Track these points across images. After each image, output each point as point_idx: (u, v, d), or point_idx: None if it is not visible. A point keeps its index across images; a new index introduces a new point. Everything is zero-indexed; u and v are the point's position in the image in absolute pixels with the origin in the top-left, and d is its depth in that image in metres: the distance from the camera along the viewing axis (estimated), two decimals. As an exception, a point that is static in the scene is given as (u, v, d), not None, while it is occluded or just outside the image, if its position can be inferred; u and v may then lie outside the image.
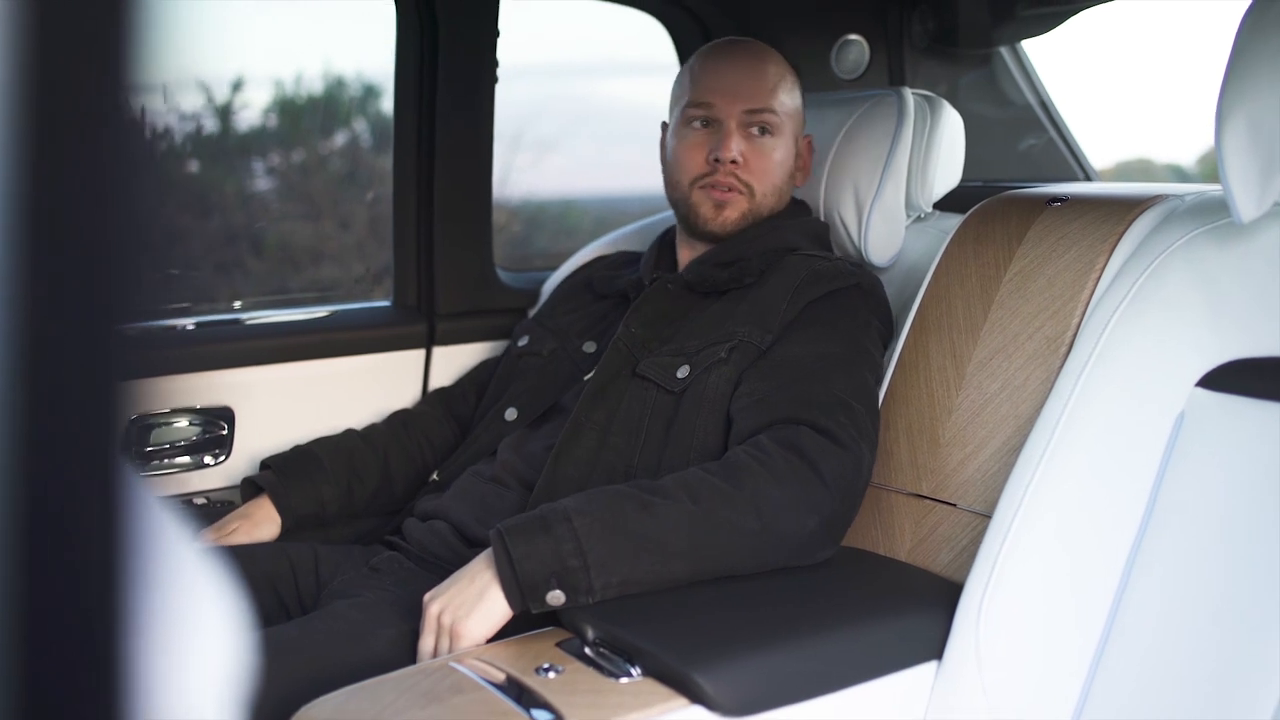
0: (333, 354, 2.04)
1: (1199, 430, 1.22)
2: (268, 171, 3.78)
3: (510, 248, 3.70)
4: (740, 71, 1.72)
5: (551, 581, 1.24)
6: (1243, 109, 1.19)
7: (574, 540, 1.25)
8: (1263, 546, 1.12)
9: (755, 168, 1.69)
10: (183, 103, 3.21)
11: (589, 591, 1.24)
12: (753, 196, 1.69)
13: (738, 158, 1.67)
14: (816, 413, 1.41)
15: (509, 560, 1.25)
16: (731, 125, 1.68)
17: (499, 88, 2.13)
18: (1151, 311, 1.29)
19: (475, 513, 1.57)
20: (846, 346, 1.52)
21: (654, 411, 1.54)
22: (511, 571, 1.25)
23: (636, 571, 1.27)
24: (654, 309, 1.65)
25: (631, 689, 1.13)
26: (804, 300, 1.55)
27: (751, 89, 1.70)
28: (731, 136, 1.68)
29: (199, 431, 1.93)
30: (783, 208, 1.75)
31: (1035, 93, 2.49)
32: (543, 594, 1.24)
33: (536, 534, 1.26)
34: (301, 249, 3.60)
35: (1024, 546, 1.27)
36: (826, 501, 1.36)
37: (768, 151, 1.69)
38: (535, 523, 1.27)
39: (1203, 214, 1.34)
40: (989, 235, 1.56)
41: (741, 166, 1.68)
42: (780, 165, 1.71)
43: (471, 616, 1.26)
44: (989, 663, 1.25)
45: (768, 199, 1.70)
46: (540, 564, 1.24)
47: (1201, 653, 1.13)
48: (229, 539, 1.63)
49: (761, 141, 1.69)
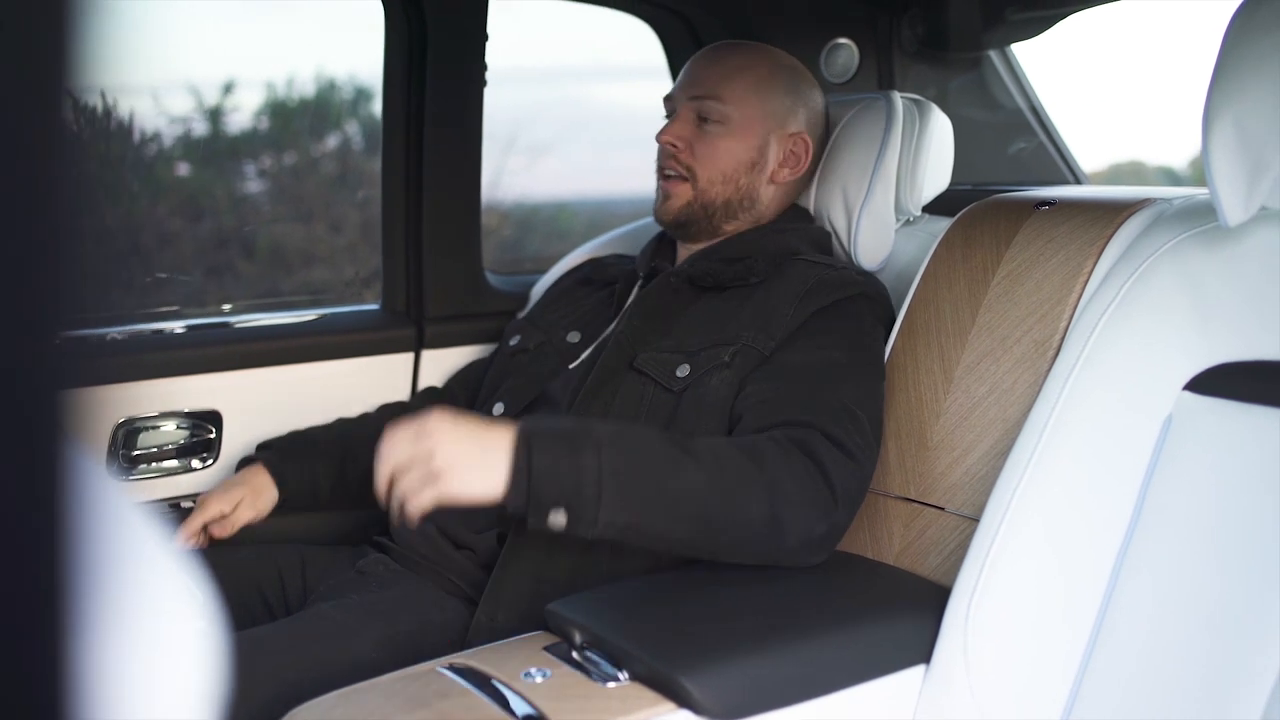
0: (321, 357, 2.03)
1: (1187, 434, 1.22)
2: (259, 174, 3.77)
3: (502, 251, 3.69)
4: (701, 62, 1.74)
5: (560, 502, 1.23)
6: (1230, 113, 1.19)
7: (596, 472, 1.24)
8: (1251, 550, 1.12)
9: (698, 152, 1.68)
10: (172, 106, 3.21)
11: (592, 525, 1.24)
12: (695, 183, 1.69)
13: (675, 140, 1.69)
14: (826, 419, 1.40)
15: (528, 466, 1.23)
16: (680, 111, 1.70)
17: (490, 91, 2.13)
18: (1139, 315, 1.29)
19: (460, 514, 1.56)
20: (853, 354, 1.51)
21: (650, 409, 1.52)
22: (527, 477, 1.23)
23: (643, 521, 1.26)
24: (655, 302, 1.64)
25: (619, 693, 1.13)
26: (810, 308, 1.54)
27: (702, 77, 1.71)
28: (675, 121, 1.70)
29: (186, 435, 1.92)
30: (768, 206, 1.73)
31: (1025, 96, 2.49)
32: (547, 510, 1.23)
33: (563, 451, 1.24)
34: (293, 252, 3.60)
35: (1012, 550, 1.27)
36: (834, 512, 1.35)
37: (710, 138, 1.69)
38: (564, 440, 1.25)
39: (1190, 217, 1.34)
40: (977, 238, 1.56)
41: (683, 151, 1.69)
42: (729, 154, 1.69)
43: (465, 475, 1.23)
44: (977, 666, 1.25)
45: (714, 187, 1.69)
46: (557, 483, 1.23)
47: (1190, 655, 1.13)
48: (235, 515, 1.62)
49: (707, 128, 1.69)
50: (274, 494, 1.68)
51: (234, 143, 3.60)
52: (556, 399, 1.63)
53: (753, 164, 1.71)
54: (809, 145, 1.76)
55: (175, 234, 3.39)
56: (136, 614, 0.41)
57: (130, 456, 1.87)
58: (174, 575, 0.45)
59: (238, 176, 3.67)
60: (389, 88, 2.10)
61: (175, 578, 0.45)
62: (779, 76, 1.74)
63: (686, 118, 1.70)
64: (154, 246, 3.27)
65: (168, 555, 0.46)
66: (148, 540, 0.44)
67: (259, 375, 1.98)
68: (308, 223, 3.65)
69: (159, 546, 0.45)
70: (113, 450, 1.85)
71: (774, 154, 1.72)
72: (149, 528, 0.45)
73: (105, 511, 0.40)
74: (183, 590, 0.45)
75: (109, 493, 0.43)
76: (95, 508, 0.38)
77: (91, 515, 0.38)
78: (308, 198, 3.71)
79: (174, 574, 0.45)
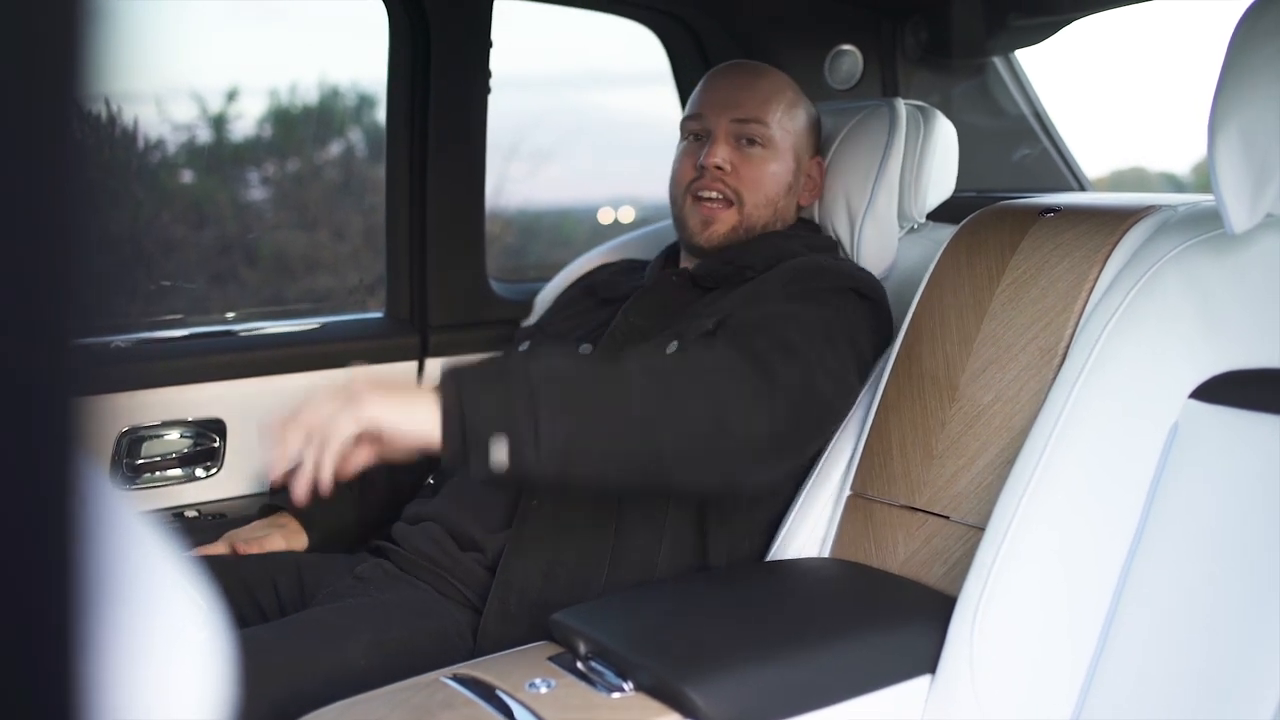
0: (325, 366, 2.03)
1: (1193, 442, 1.21)
2: (262, 181, 3.77)
3: (505, 258, 3.69)
4: (733, 84, 1.74)
5: (497, 430, 1.15)
6: (1235, 119, 1.19)
7: (527, 386, 1.18)
8: (1257, 559, 1.12)
9: (745, 176, 1.70)
10: (176, 113, 3.21)
11: (534, 446, 1.16)
12: (742, 207, 1.70)
13: (722, 164, 1.69)
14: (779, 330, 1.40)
15: (459, 400, 1.16)
16: (719, 134, 1.70)
17: (493, 98, 2.13)
18: (1145, 323, 1.29)
19: (468, 514, 1.55)
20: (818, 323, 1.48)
21: None
22: (459, 411, 1.16)
23: (585, 433, 1.20)
24: (655, 300, 1.65)
25: (624, 704, 1.12)
26: (801, 285, 1.55)
27: (740, 99, 1.72)
28: (718, 144, 1.70)
29: (190, 444, 1.92)
30: (787, 226, 1.76)
31: (1029, 103, 2.49)
32: (485, 441, 1.15)
33: (490, 378, 1.18)
34: (297, 259, 3.59)
35: (1018, 559, 1.27)
36: (778, 408, 1.32)
37: (757, 161, 1.70)
38: (489, 368, 1.21)
39: (1196, 224, 1.34)
40: (982, 246, 1.56)
41: (730, 174, 1.69)
42: (774, 178, 1.71)
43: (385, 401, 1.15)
44: (983, 676, 1.24)
45: (759, 211, 1.71)
46: (490, 409, 1.16)
47: (1196, 665, 1.12)
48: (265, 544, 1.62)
49: (751, 151, 1.70)
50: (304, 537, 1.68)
51: (237, 150, 3.60)
52: None
53: (789, 187, 1.74)
54: (822, 168, 1.80)
55: (179, 241, 3.38)
56: (144, 622, 0.41)
57: (134, 465, 1.87)
58: (180, 584, 0.45)
59: (241, 183, 3.67)
60: (393, 94, 2.10)
61: (182, 586, 0.45)
62: (800, 101, 1.77)
63: (729, 141, 1.70)
64: (158, 254, 3.27)
65: (174, 564, 0.46)
66: (154, 549, 0.44)
67: (263, 384, 1.98)
68: (311, 230, 3.64)
69: (165, 555, 0.45)
70: (116, 459, 1.85)
71: (801, 177, 1.76)
72: (154, 536, 0.45)
73: (111, 520, 0.40)
74: (189, 598, 0.45)
75: (114, 501, 0.43)
76: (101, 516, 0.38)
77: (98, 523, 0.38)
78: (311, 205, 3.71)
79: (180, 583, 0.45)
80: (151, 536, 0.45)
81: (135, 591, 0.41)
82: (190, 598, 0.45)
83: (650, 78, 2.49)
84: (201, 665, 0.43)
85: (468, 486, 1.61)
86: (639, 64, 2.56)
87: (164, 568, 0.44)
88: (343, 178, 3.87)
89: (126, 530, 0.43)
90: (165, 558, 0.45)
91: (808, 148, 1.78)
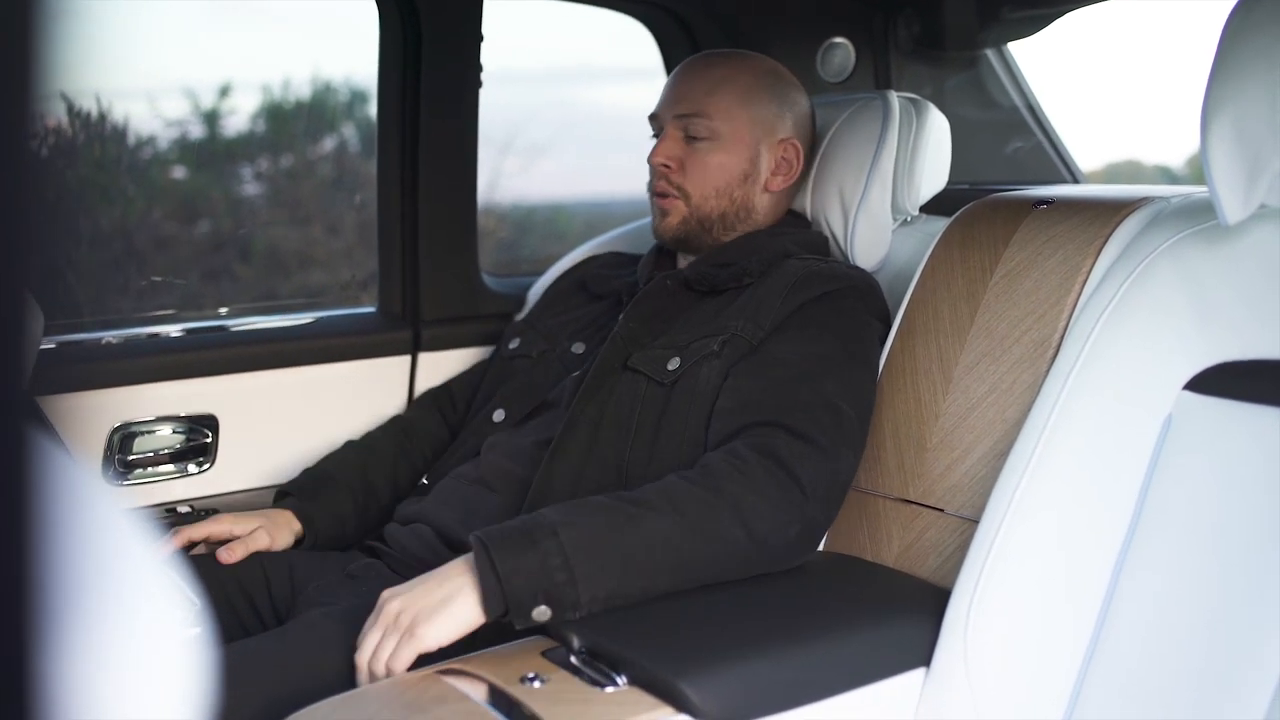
0: (317, 361, 2.03)
1: (1187, 434, 1.21)
2: (256, 177, 3.76)
3: (500, 252, 3.69)
4: (682, 79, 1.74)
5: (539, 597, 1.21)
6: (1228, 110, 1.19)
7: (561, 555, 1.22)
8: (1251, 550, 1.12)
9: (689, 170, 1.69)
10: (169, 109, 3.21)
11: (575, 607, 1.22)
12: (689, 200, 1.70)
13: (667, 161, 1.70)
14: (798, 416, 1.40)
15: (495, 574, 1.21)
16: (668, 130, 1.71)
17: (487, 92, 2.12)
18: (1138, 314, 1.29)
19: (458, 516, 1.55)
20: (840, 348, 1.51)
21: (645, 404, 1.53)
22: (498, 585, 1.21)
23: (624, 585, 1.25)
24: (651, 305, 1.64)
25: (617, 698, 1.12)
26: (799, 299, 1.54)
27: (684, 94, 1.71)
28: (664, 140, 1.71)
29: (183, 439, 1.91)
30: (764, 215, 1.74)
31: (1022, 95, 2.49)
32: (529, 610, 1.21)
33: (524, 548, 1.23)
34: (290, 255, 3.59)
35: (1012, 551, 1.26)
36: (806, 507, 1.35)
37: (700, 155, 1.69)
38: (520, 537, 1.24)
39: (1189, 216, 1.34)
40: (975, 238, 1.56)
41: (674, 170, 1.70)
42: (721, 169, 1.69)
43: (434, 619, 1.22)
44: (977, 669, 1.24)
45: (709, 202, 1.70)
46: (528, 579, 1.21)
47: (1191, 655, 1.12)
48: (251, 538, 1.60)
49: (696, 146, 1.69)
50: (291, 536, 1.66)
51: (230, 146, 3.59)
52: (557, 406, 1.63)
53: (745, 175, 1.71)
54: (799, 150, 1.75)
55: (172, 238, 3.38)
56: (120, 619, 0.40)
57: (126, 461, 1.86)
58: (161, 581, 0.44)
59: (234, 180, 3.66)
60: (384, 88, 2.09)
61: (163, 584, 0.44)
62: (762, 84, 1.73)
63: (674, 136, 1.71)
64: (151, 250, 3.26)
65: (155, 561, 0.45)
66: (134, 545, 0.44)
67: (255, 379, 1.97)
68: (305, 226, 3.64)
69: (146, 552, 0.44)
70: (109, 455, 1.84)
71: (766, 163, 1.73)
72: (136, 532, 0.44)
73: (90, 514, 0.39)
74: (170, 596, 0.44)
75: (96, 496, 0.43)
76: (78, 510, 0.38)
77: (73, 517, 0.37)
78: (304, 201, 3.70)
79: (161, 580, 0.44)
80: (132, 532, 0.44)
81: (110, 588, 0.40)
82: (173, 596, 0.44)
83: (643, 72, 2.49)
84: (180, 664, 0.43)
85: (456, 488, 1.61)
86: (632, 59, 2.56)
87: (144, 565, 0.44)
88: (336, 174, 3.86)
89: (108, 525, 0.42)
90: (146, 554, 0.44)
91: (775, 131, 1.73)
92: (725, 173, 1.70)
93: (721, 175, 1.70)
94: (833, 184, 1.80)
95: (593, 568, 1.23)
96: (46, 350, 1.81)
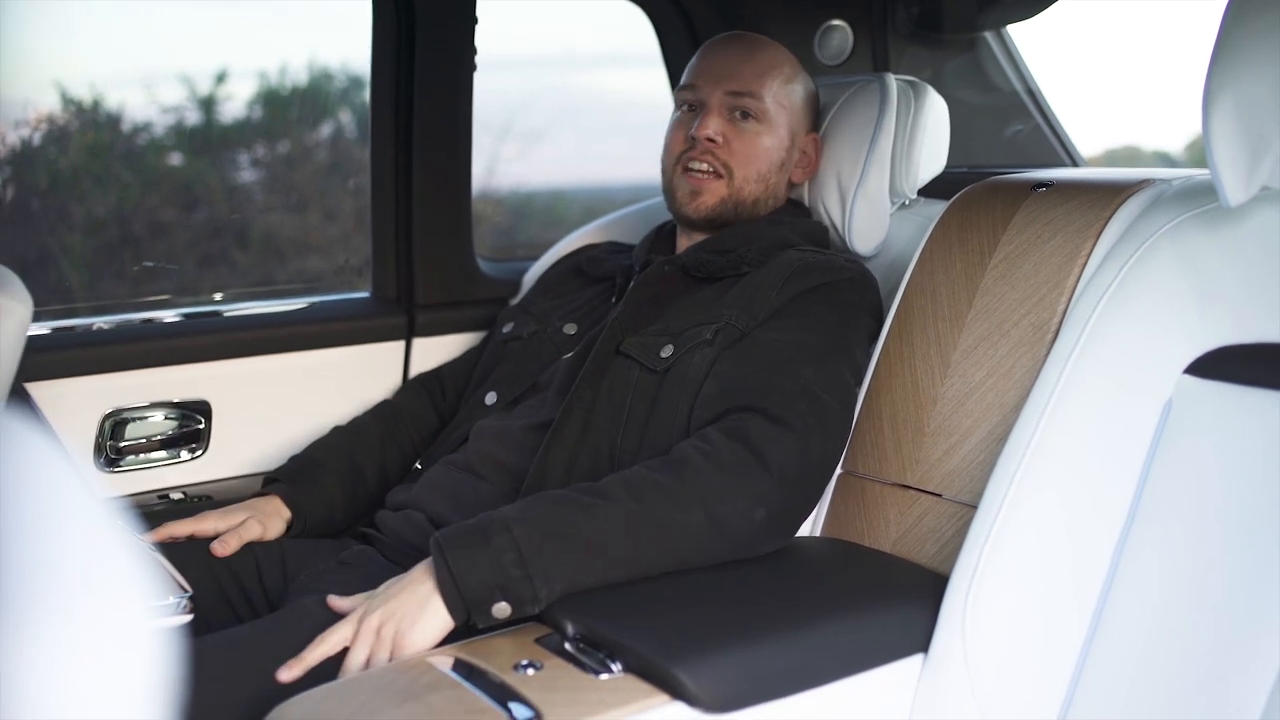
0: (311, 346, 2.01)
1: (1187, 418, 1.20)
2: (252, 164, 3.75)
3: (497, 238, 3.68)
4: (729, 56, 1.72)
5: (496, 594, 1.22)
6: (1230, 92, 1.17)
7: (515, 550, 1.22)
8: (1252, 534, 1.11)
9: (736, 149, 1.68)
10: (165, 95, 3.19)
11: (534, 601, 1.22)
12: (731, 180, 1.68)
13: (714, 136, 1.67)
14: (774, 400, 1.39)
15: (450, 575, 1.22)
16: (713, 105, 1.69)
17: (483, 78, 2.11)
18: (1138, 297, 1.27)
19: (449, 503, 1.54)
20: (826, 339, 1.50)
21: (637, 390, 1.52)
22: (454, 585, 1.22)
23: (580, 575, 1.25)
24: (648, 291, 1.63)
25: (611, 685, 1.11)
26: (794, 290, 1.53)
27: (736, 71, 1.70)
28: (710, 115, 1.68)
29: (175, 426, 1.90)
30: (778, 204, 1.74)
31: (1021, 78, 2.47)
32: (488, 607, 1.22)
33: (477, 546, 1.23)
34: (287, 241, 3.57)
35: (1011, 536, 1.25)
36: (773, 490, 1.34)
37: (750, 135, 1.68)
38: (474, 535, 1.25)
39: (1190, 198, 1.32)
40: (974, 221, 1.54)
41: (720, 146, 1.68)
42: (766, 153, 1.69)
43: (415, 628, 1.23)
44: (976, 655, 1.23)
45: (749, 185, 1.69)
46: (483, 578, 1.22)
47: (1191, 641, 1.11)
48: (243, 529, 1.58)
49: (744, 125, 1.68)
50: (281, 524, 1.64)
51: (226, 132, 3.58)
52: (546, 389, 1.62)
53: (781, 163, 1.72)
54: (819, 145, 1.78)
55: (169, 224, 3.36)
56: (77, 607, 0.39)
57: (118, 448, 1.85)
58: (131, 570, 0.43)
59: (231, 166, 3.64)
60: (377, 72, 2.08)
61: (129, 572, 0.43)
62: (799, 77, 1.75)
63: (722, 113, 1.69)
64: (147, 236, 3.24)
65: (127, 550, 0.44)
66: (102, 533, 0.42)
67: (248, 364, 1.96)
68: (302, 212, 3.62)
69: (116, 540, 0.43)
70: (100, 441, 1.83)
71: (795, 154, 1.73)
72: (106, 520, 0.43)
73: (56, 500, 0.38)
74: (136, 585, 0.43)
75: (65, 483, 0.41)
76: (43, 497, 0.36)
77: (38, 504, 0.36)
78: (301, 186, 3.69)
79: (132, 568, 0.43)
80: (102, 520, 0.43)
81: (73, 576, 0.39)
82: (141, 585, 0.43)
83: (641, 58, 2.47)
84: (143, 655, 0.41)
85: (445, 475, 1.60)
86: (629, 44, 2.54)
87: (111, 553, 0.42)
88: (333, 159, 3.85)
89: (71, 512, 0.41)
90: (115, 542, 0.43)
91: (803, 124, 1.75)
92: (769, 157, 1.70)
93: (766, 159, 1.70)
94: (830, 167, 1.79)
95: (547, 561, 1.23)
96: (37, 335, 1.79)
